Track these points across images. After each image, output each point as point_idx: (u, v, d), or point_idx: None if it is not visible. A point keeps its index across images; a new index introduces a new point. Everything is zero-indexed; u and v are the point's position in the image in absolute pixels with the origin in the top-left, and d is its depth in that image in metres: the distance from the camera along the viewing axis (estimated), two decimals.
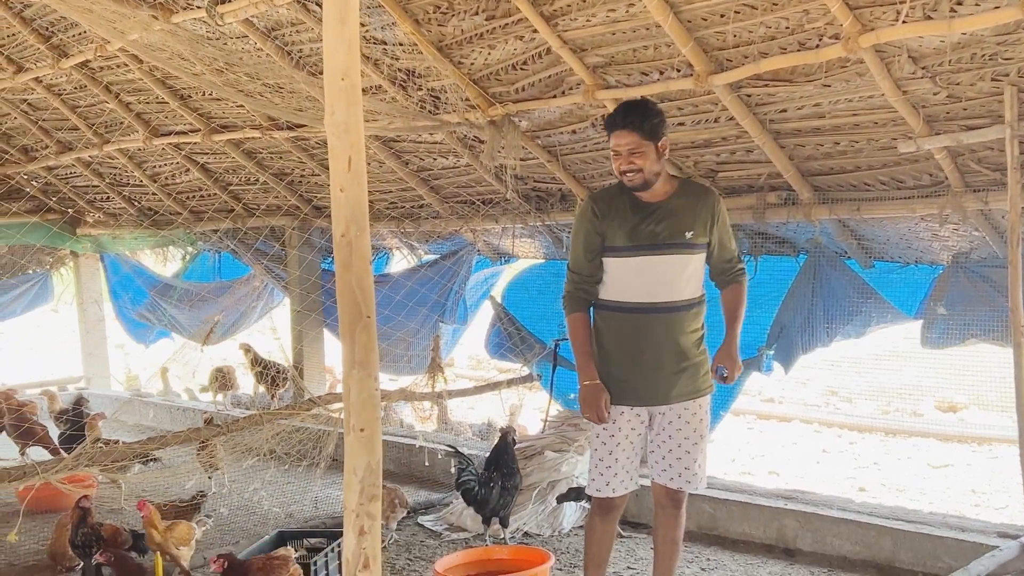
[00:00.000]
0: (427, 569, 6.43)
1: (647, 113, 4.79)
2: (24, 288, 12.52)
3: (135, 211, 11.24)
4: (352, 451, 3.33)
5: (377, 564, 3.33)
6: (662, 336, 4.90)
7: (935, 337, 6.40)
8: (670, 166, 6.79)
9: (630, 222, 4.89)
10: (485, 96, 6.88)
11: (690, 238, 4.87)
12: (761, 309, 7.05)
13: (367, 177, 3.27)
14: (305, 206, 9.73)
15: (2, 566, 6.87)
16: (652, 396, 4.95)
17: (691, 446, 4.99)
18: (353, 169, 3.21)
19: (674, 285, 4.89)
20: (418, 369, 9.16)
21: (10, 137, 10.75)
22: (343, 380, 3.36)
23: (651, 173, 4.80)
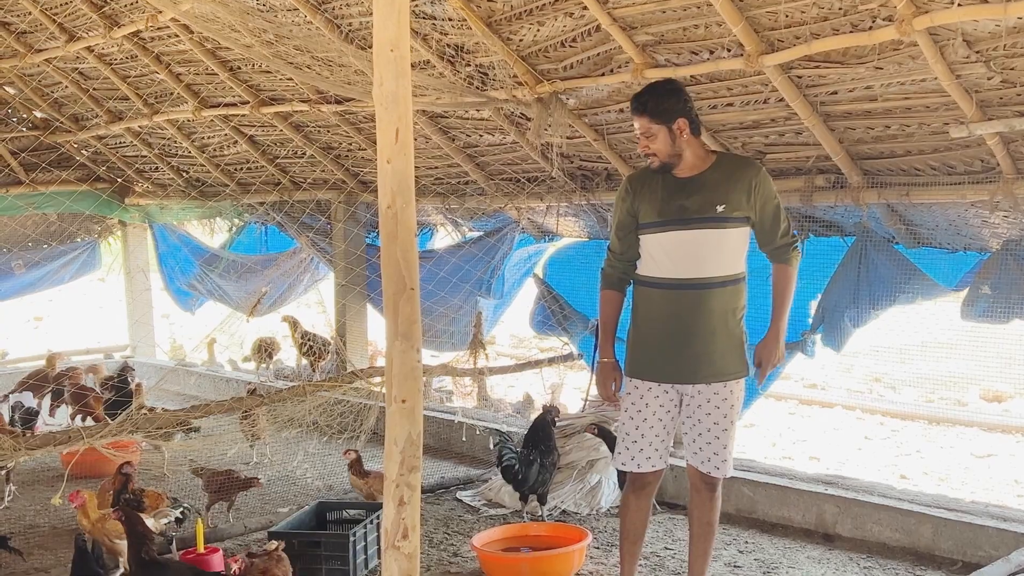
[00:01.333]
0: (464, 543, 6.46)
1: (656, 96, 4.81)
2: (72, 256, 12.65)
3: (183, 182, 11.32)
4: (393, 422, 3.35)
5: (416, 534, 3.36)
6: (693, 313, 4.87)
7: (977, 312, 6.30)
8: (716, 146, 6.77)
9: (660, 198, 4.89)
10: (533, 73, 6.86)
11: (722, 212, 4.80)
12: (806, 293, 7.01)
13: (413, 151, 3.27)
14: (351, 180, 9.76)
15: (46, 528, 6.98)
16: (680, 374, 4.93)
17: (720, 431, 4.95)
18: (400, 141, 3.22)
19: (706, 261, 4.85)
20: (460, 345, 9.19)
21: (61, 105, 10.84)
22: (386, 351, 3.37)
23: (667, 155, 4.82)
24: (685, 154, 4.84)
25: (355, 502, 6.73)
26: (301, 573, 5.81)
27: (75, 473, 7.53)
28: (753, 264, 5.10)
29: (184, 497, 6.70)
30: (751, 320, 5.08)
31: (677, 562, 6.02)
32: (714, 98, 6.47)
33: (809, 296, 7.04)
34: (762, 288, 5.28)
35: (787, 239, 4.98)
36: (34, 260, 12.16)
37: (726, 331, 4.89)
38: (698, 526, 5.17)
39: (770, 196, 4.89)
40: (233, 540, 6.63)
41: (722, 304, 4.87)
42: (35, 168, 11.13)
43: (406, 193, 3.29)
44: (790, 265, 5.00)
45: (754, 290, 5.15)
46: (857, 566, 5.90)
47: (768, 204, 4.89)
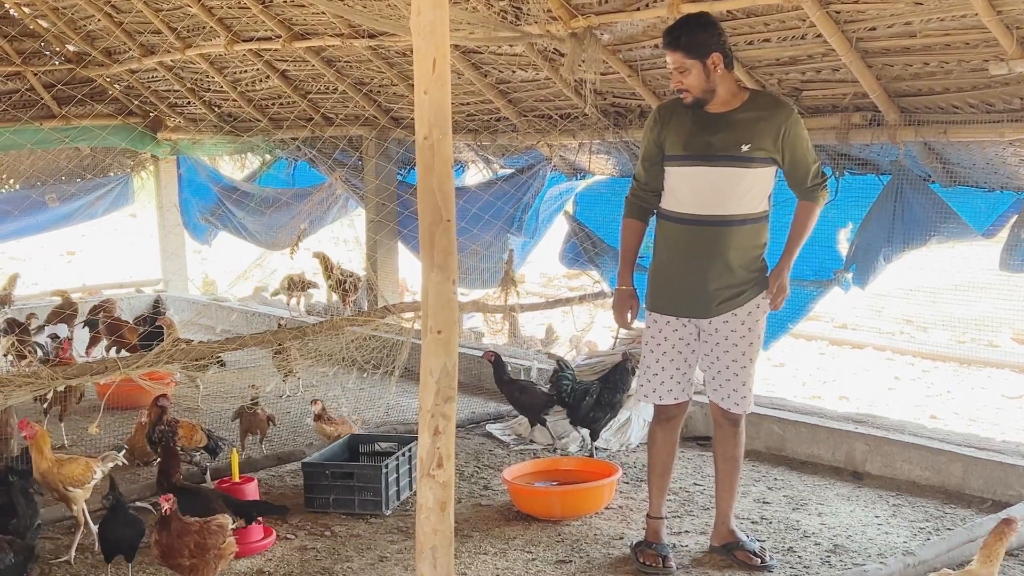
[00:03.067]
0: (495, 477, 6.53)
1: (690, 30, 4.75)
2: (105, 190, 12.70)
3: (215, 117, 11.33)
4: (429, 352, 3.38)
5: (451, 463, 3.40)
6: (711, 249, 4.88)
7: (1017, 263, 6.27)
8: (751, 83, 6.71)
9: (688, 131, 4.88)
10: (567, 7, 6.79)
11: (746, 151, 4.79)
12: (839, 231, 6.98)
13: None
14: (383, 116, 9.74)
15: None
16: (694, 308, 4.97)
17: (739, 368, 4.98)
18: (437, 71, 3.22)
19: (727, 198, 4.84)
20: (490, 283, 9.21)
21: (94, 39, 10.83)
22: (422, 282, 3.39)
23: (701, 91, 4.78)
24: (719, 90, 4.81)
25: (387, 435, 6.80)
26: (335, 503, 5.92)
27: (110, 404, 7.64)
28: (780, 198, 5.09)
29: (217, 429, 6.78)
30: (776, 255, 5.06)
31: (706, 497, 6.06)
32: (751, 33, 6.40)
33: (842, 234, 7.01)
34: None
35: (817, 180, 4.97)
36: (67, 194, 12.22)
37: (744, 267, 4.92)
38: (722, 461, 5.22)
39: (800, 138, 4.86)
40: (267, 471, 6.72)
41: (742, 242, 4.89)
42: (68, 101, 11.14)
43: (443, 124, 3.29)
44: (816, 203, 5.00)
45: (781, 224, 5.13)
46: (886, 503, 5.92)
47: (798, 147, 4.86)
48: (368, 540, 5.59)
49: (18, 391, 5.43)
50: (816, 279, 7.13)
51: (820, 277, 7.12)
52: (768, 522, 5.69)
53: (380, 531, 5.71)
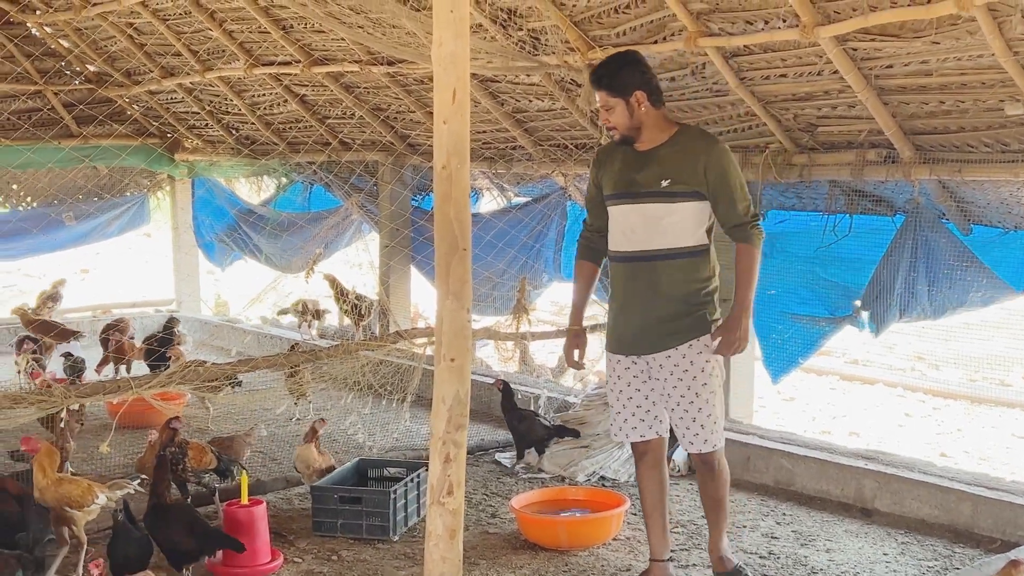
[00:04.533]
0: (503, 505, 6.52)
1: (613, 69, 4.82)
2: (122, 209, 12.79)
3: (233, 140, 11.40)
4: (442, 380, 3.41)
5: (461, 491, 3.41)
6: (647, 286, 4.90)
7: None
8: (767, 117, 6.74)
9: (617, 170, 4.95)
10: (585, 39, 6.85)
11: (666, 186, 4.79)
12: (855, 267, 6.98)
13: None
14: (400, 143, 9.79)
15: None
16: (637, 345, 4.99)
17: (688, 403, 4.92)
18: (457, 102, 3.26)
19: (653, 233, 4.86)
20: (502, 310, 9.23)
21: (115, 60, 10.94)
22: (437, 310, 3.42)
23: (626, 128, 4.83)
24: (646, 127, 4.85)
25: (396, 460, 6.81)
26: (342, 527, 5.92)
27: (122, 423, 7.66)
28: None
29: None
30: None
31: None
32: (767, 69, 6.44)
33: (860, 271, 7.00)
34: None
35: (746, 218, 4.84)
36: (84, 213, 12.31)
37: (682, 301, 4.88)
38: (706, 500, 5.22)
39: (724, 172, 4.79)
40: (275, 493, 6.73)
41: (675, 276, 4.87)
42: (87, 121, 11.24)
43: (461, 154, 3.33)
44: (751, 245, 4.85)
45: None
46: (895, 541, 5.90)
47: (723, 181, 4.79)
48: (375, 565, 5.59)
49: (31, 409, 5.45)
50: (830, 316, 7.14)
51: (835, 314, 7.12)
52: (776, 557, 5.68)
53: (387, 556, 5.71)
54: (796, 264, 7.58)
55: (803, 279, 7.51)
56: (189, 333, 10.79)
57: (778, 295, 7.66)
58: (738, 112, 7.00)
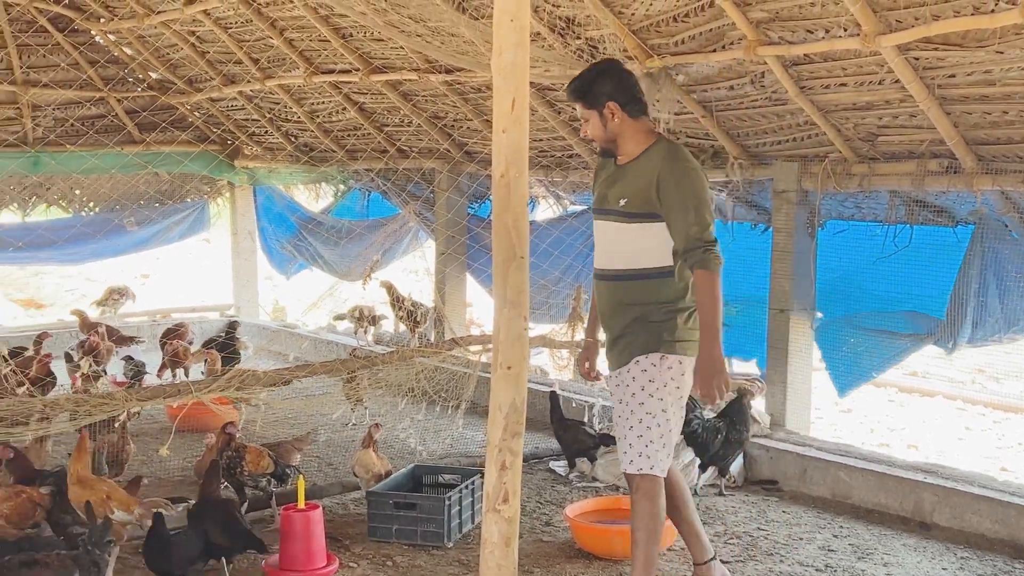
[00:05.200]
0: (557, 513, 6.52)
1: (586, 80, 4.72)
2: (183, 215, 12.95)
3: (292, 147, 11.51)
4: (498, 388, 3.42)
5: (516, 499, 3.42)
6: (611, 305, 4.82)
7: None
8: (826, 126, 6.70)
9: (600, 183, 4.87)
10: (643, 47, 6.84)
11: (623, 206, 4.67)
12: (921, 281, 6.92)
13: None
14: (457, 151, 9.83)
15: (151, 478, 7.19)
16: (610, 361, 4.90)
17: (623, 422, 4.76)
18: (516, 111, 3.27)
19: (615, 253, 4.77)
20: (557, 318, 9.22)
21: (177, 67, 11.08)
22: (494, 318, 3.43)
23: (602, 140, 4.75)
24: (623, 139, 4.73)
25: (451, 467, 6.83)
26: (397, 533, 5.95)
27: (181, 427, 7.75)
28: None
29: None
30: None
31: (769, 543, 6.01)
32: (827, 78, 6.40)
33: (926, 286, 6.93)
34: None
35: (697, 243, 4.55)
36: (146, 218, 12.47)
37: (643, 320, 4.70)
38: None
39: (676, 192, 4.56)
40: (331, 498, 6.78)
41: (635, 296, 4.72)
42: (149, 128, 11.40)
43: (520, 163, 3.34)
44: (707, 270, 4.54)
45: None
46: (954, 556, 5.83)
47: (673, 201, 4.57)
48: (429, 572, 5.60)
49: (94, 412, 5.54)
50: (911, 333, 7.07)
51: (916, 331, 7.04)
52: (833, 571, 5.62)
53: (441, 563, 5.73)
54: (855, 274, 7.53)
55: (865, 290, 7.46)
56: (247, 338, 10.90)
57: (841, 307, 7.61)
58: (798, 121, 6.96)
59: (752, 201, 7.94)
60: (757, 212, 8.01)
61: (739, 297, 8.16)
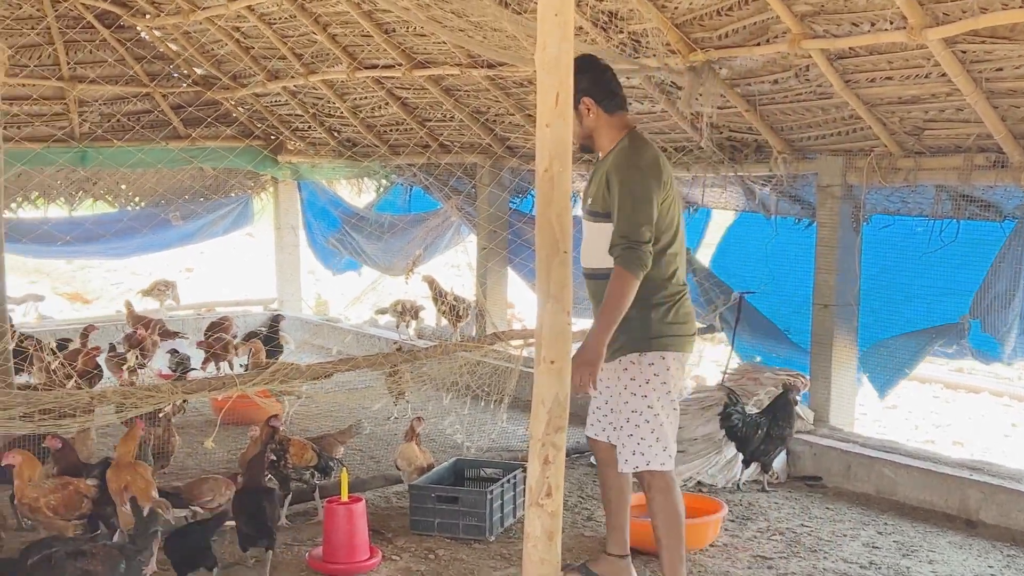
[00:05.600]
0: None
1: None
2: (227, 210, 13.04)
3: (335, 142, 11.56)
4: (541, 382, 3.42)
5: (559, 493, 3.42)
6: (594, 302, 4.83)
7: None
8: (872, 120, 6.65)
9: (588, 181, 4.93)
10: (686, 41, 6.81)
11: (589, 205, 4.75)
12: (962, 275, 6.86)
13: None
14: (499, 145, 9.84)
15: (196, 470, 7.27)
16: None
17: (615, 417, 4.92)
18: (560, 105, 3.27)
19: (589, 252, 4.84)
20: None
21: (222, 63, 11.15)
22: (537, 312, 3.43)
23: (579, 136, 4.74)
24: (597, 133, 4.76)
25: (493, 461, 6.84)
26: (439, 526, 5.97)
27: (225, 420, 7.83)
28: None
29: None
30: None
31: (813, 539, 5.98)
32: (873, 71, 6.34)
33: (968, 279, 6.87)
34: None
35: (619, 240, 4.58)
36: (191, 213, 12.57)
37: (624, 321, 4.62)
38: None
39: (616, 189, 4.59)
40: (374, 491, 6.81)
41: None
42: (194, 123, 11.49)
43: (563, 157, 3.34)
44: (621, 267, 4.55)
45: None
46: (1000, 554, 5.77)
47: (615, 199, 4.58)
48: (471, 565, 5.62)
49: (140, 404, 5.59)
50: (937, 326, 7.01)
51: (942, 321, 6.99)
52: (877, 567, 5.59)
53: (483, 557, 5.74)
54: (899, 271, 7.47)
55: (907, 286, 7.40)
56: (290, 332, 10.97)
57: (880, 304, 7.56)
58: (843, 115, 6.91)
59: (796, 196, 7.90)
60: (801, 207, 7.97)
61: (782, 292, 8.14)
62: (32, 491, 5.41)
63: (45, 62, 10.82)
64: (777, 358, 8.26)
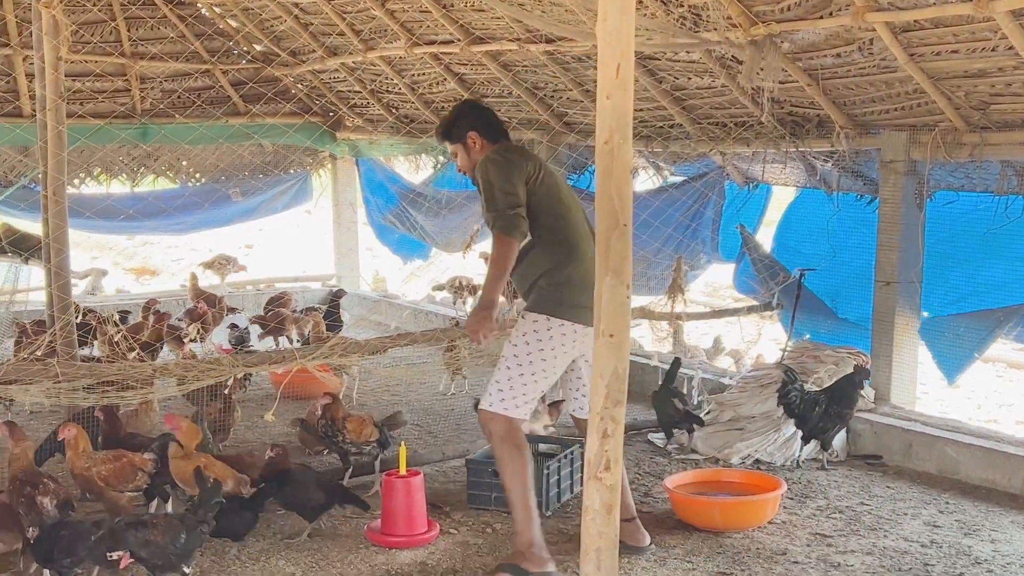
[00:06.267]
0: (655, 484, 6.51)
1: (448, 121, 5.41)
2: (286, 186, 13.12)
3: (393, 119, 11.58)
4: (600, 356, 3.41)
5: (618, 467, 3.42)
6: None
7: None
8: (936, 94, 6.55)
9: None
10: (748, 15, 6.72)
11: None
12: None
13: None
14: (556, 121, 9.80)
15: (255, 443, 7.35)
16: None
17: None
18: (621, 77, 3.24)
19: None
20: (656, 290, 9.16)
21: (281, 39, 11.22)
22: (596, 287, 3.41)
23: (468, 168, 5.36)
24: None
25: (549, 436, 6.84)
26: (496, 501, 5.99)
27: (285, 393, 7.89)
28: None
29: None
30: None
31: (873, 518, 5.93)
32: (938, 44, 6.23)
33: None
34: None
35: (486, 215, 5.12)
36: (251, 189, 12.67)
37: (525, 291, 5.29)
38: None
39: (481, 181, 5.17)
40: (431, 465, 6.84)
41: (520, 271, 5.23)
42: (254, 99, 11.57)
43: (624, 130, 3.31)
44: (497, 232, 5.06)
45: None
46: None
47: (481, 187, 5.19)
48: None
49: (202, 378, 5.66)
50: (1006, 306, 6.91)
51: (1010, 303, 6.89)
52: (938, 546, 5.53)
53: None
54: (963, 248, 7.36)
55: (971, 264, 7.30)
56: (348, 308, 11.04)
57: (943, 282, 7.46)
58: (906, 89, 6.80)
59: (858, 171, 7.80)
60: (863, 183, 7.87)
61: (843, 270, 8.07)
62: (84, 461, 5.50)
63: (107, 38, 10.95)
64: (828, 335, 8.19)
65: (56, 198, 6.55)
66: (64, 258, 6.63)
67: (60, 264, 6.59)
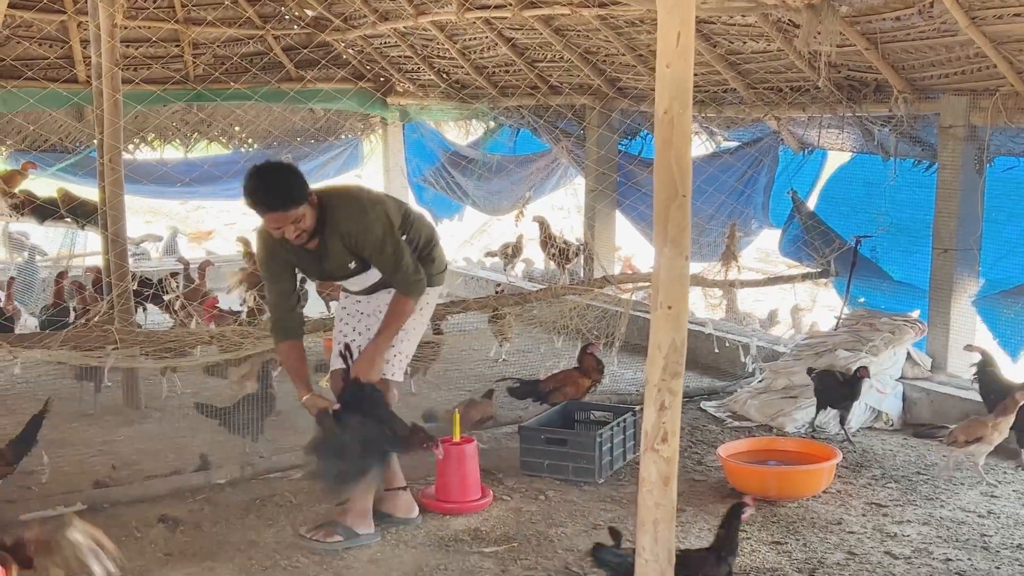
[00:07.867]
0: (709, 453, 6.48)
1: (283, 189, 4.82)
2: (337, 151, 13.15)
3: (445, 84, 11.55)
4: (658, 327, 3.38)
5: (675, 439, 3.40)
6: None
7: None
8: (998, 58, 6.43)
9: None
10: None
11: (342, 272, 5.31)
12: None
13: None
14: (609, 87, 9.73)
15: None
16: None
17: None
18: (681, 45, 3.21)
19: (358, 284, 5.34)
20: (709, 256, 9.12)
21: (333, 5, 11.20)
22: (655, 257, 3.39)
23: (310, 229, 4.93)
24: (310, 217, 4.92)
25: (603, 404, 6.84)
26: (549, 468, 6.00)
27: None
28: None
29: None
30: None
31: (929, 487, 5.88)
32: (1000, 7, 6.11)
33: None
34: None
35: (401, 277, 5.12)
36: (303, 154, 12.70)
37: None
38: None
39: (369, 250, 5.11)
40: (485, 431, 6.85)
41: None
42: (306, 66, 11.57)
43: (683, 98, 3.28)
44: (404, 295, 5.15)
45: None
46: None
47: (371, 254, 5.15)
48: (581, 507, 5.64)
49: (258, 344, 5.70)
50: None
51: None
52: (996, 516, 5.47)
53: (593, 499, 5.75)
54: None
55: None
56: None
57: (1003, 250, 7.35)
58: (967, 53, 6.68)
59: (916, 137, 7.68)
60: (921, 148, 7.75)
61: (901, 235, 7.98)
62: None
63: (161, 5, 10.98)
64: (883, 297, 8.12)
65: (112, 166, 6.61)
66: (121, 226, 6.69)
67: (117, 232, 6.65)
